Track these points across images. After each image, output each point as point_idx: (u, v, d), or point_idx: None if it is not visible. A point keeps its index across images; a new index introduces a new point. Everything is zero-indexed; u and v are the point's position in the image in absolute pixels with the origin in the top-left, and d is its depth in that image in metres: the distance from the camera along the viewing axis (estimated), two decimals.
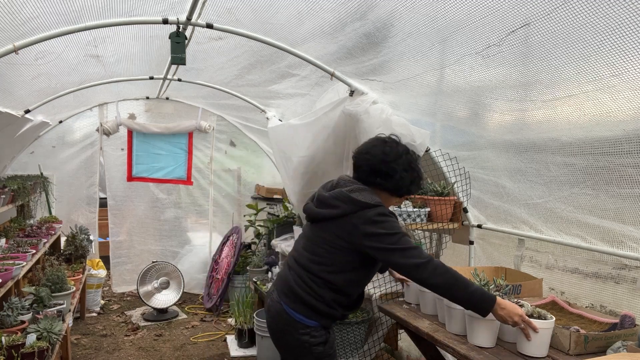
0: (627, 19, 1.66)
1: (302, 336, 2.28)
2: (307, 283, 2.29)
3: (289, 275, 2.36)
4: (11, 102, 4.08)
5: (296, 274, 2.33)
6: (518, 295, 2.55)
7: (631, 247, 2.28)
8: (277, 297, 2.37)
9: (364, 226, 2.18)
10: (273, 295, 2.41)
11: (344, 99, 3.36)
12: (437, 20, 2.25)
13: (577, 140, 2.31)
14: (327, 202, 2.31)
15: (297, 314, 2.28)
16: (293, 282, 2.32)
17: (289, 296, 2.32)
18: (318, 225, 2.36)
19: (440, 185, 3.28)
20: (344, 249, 2.25)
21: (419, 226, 3.24)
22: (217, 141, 6.80)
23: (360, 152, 2.40)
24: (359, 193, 2.27)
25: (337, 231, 2.25)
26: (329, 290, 2.27)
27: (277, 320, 2.35)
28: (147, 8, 2.97)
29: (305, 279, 2.29)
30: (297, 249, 2.45)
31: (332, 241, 2.27)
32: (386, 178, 2.31)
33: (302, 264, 2.34)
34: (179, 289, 6.03)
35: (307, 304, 2.28)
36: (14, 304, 3.29)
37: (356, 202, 2.22)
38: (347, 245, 2.24)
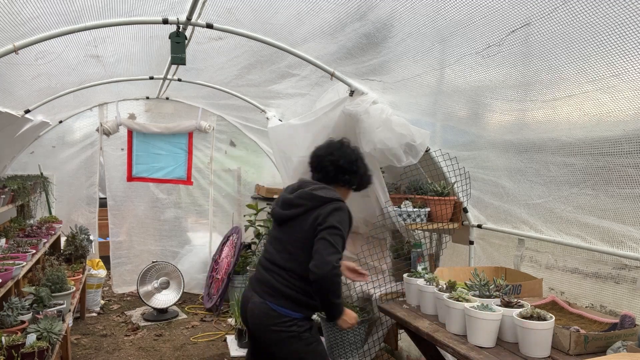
0: (627, 19, 1.66)
1: (290, 327, 2.48)
2: (288, 280, 2.50)
3: (269, 276, 2.56)
4: (11, 102, 4.08)
5: (276, 274, 2.54)
6: (518, 295, 2.55)
7: (631, 247, 2.28)
8: (260, 299, 2.54)
9: (325, 217, 2.45)
10: (254, 299, 2.57)
11: (344, 99, 3.36)
12: (437, 21, 2.25)
13: (577, 141, 2.31)
14: (292, 202, 2.56)
15: (283, 309, 2.48)
16: (275, 282, 2.52)
17: (273, 295, 2.51)
18: (286, 226, 2.58)
19: (440, 185, 3.28)
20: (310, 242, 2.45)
21: (419, 226, 3.24)
22: (217, 141, 6.80)
23: (323, 155, 2.66)
24: (321, 190, 2.55)
25: (305, 226, 2.49)
26: (306, 282, 2.45)
27: (264, 319, 2.51)
28: (147, 8, 2.97)
29: (286, 277, 2.50)
30: (270, 251, 2.63)
31: (303, 238, 2.49)
32: (352, 175, 2.64)
33: (281, 265, 2.54)
34: (179, 289, 6.03)
35: (290, 299, 2.49)
36: (14, 304, 3.29)
37: (319, 198, 2.50)
38: (312, 237, 2.45)
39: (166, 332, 5.31)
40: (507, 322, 2.19)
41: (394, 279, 3.29)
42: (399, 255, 3.31)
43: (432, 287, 2.63)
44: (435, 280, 2.69)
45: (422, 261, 3.15)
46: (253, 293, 2.60)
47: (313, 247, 2.42)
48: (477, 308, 2.21)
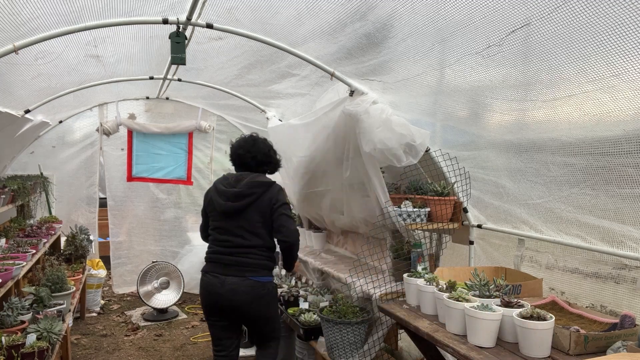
0: (627, 18, 1.66)
1: (271, 290, 3.16)
2: (260, 254, 3.10)
3: (240, 258, 3.07)
4: (11, 102, 4.08)
5: (248, 254, 3.08)
6: (518, 295, 2.55)
7: (631, 247, 2.28)
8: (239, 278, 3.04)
9: (276, 197, 3.10)
10: (230, 280, 3.05)
11: (344, 99, 3.36)
12: (437, 21, 2.25)
13: (577, 140, 2.31)
14: (244, 193, 3.09)
15: (263, 277, 3.09)
16: (250, 260, 3.07)
17: (252, 270, 3.06)
18: (242, 214, 3.09)
19: (440, 185, 3.28)
20: (268, 220, 3.09)
21: (419, 226, 3.24)
22: (217, 141, 6.80)
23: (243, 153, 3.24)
24: (259, 177, 3.17)
25: (262, 209, 3.08)
26: (271, 250, 3.16)
27: (251, 291, 3.04)
28: (147, 8, 2.97)
29: (258, 253, 3.09)
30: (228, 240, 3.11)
31: (262, 219, 3.08)
32: (269, 165, 3.29)
33: (249, 246, 3.08)
34: (179, 289, 6.03)
35: (266, 268, 3.13)
36: (14, 304, 3.29)
37: (263, 184, 3.13)
38: (269, 215, 3.08)
39: (166, 332, 5.32)
40: (507, 322, 2.19)
41: (394, 279, 3.29)
42: (399, 255, 3.30)
43: (432, 287, 2.63)
44: (435, 280, 2.69)
45: (422, 261, 3.15)
46: (224, 277, 3.06)
47: (275, 223, 3.08)
48: (477, 308, 2.21)
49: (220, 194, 3.15)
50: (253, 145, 3.24)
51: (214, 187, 3.26)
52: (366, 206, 3.48)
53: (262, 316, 3.12)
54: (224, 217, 3.13)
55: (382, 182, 3.22)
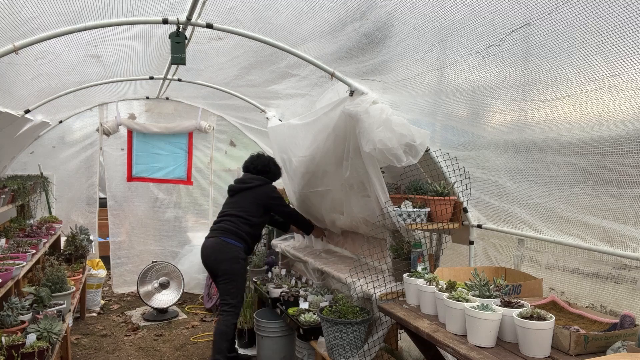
0: (627, 18, 1.65)
1: (234, 252, 4.09)
2: (237, 224, 4.14)
3: (222, 224, 4.16)
4: (11, 102, 4.08)
5: (228, 221, 4.15)
6: (518, 295, 2.55)
7: (631, 247, 2.28)
8: (217, 237, 4.11)
9: (270, 192, 4.30)
10: (210, 239, 4.16)
11: (344, 99, 3.36)
12: (437, 20, 2.25)
13: (577, 140, 2.30)
14: (245, 181, 4.34)
15: (231, 240, 4.09)
16: (228, 225, 4.13)
17: (225, 233, 4.11)
18: (239, 195, 4.29)
19: (440, 185, 3.28)
20: (258, 205, 4.23)
21: (419, 226, 3.24)
22: (217, 141, 6.80)
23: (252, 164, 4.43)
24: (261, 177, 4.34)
25: (255, 196, 4.25)
26: (248, 226, 4.17)
27: (218, 248, 4.08)
28: (147, 8, 2.97)
29: (235, 222, 4.15)
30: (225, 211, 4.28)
31: (252, 202, 4.23)
32: (267, 173, 4.39)
33: (232, 214, 4.18)
34: (179, 289, 6.03)
35: (236, 234, 4.12)
36: (14, 304, 3.29)
37: (261, 179, 4.31)
38: (260, 202, 4.24)
39: (166, 332, 5.31)
40: (507, 322, 2.19)
41: (394, 279, 3.29)
42: (399, 255, 3.30)
43: (432, 287, 2.63)
44: (435, 280, 2.69)
45: (422, 261, 3.15)
46: (207, 240, 4.19)
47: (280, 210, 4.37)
48: (477, 308, 2.21)
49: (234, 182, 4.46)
50: (256, 159, 4.45)
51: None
52: (366, 206, 3.47)
53: (222, 271, 4.03)
54: (229, 196, 4.37)
55: (382, 182, 3.21)
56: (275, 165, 4.44)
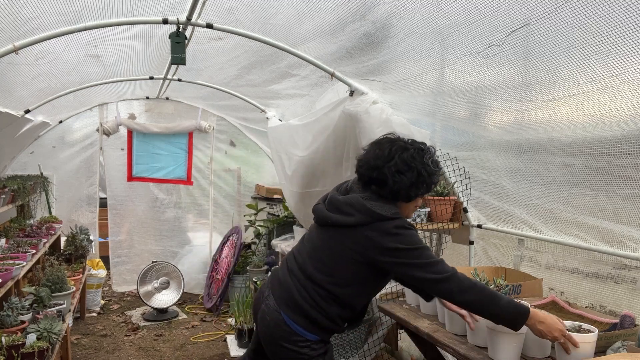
0: (627, 19, 1.66)
1: (301, 349, 2.13)
2: (312, 296, 2.12)
3: (291, 284, 2.18)
4: (12, 103, 4.08)
5: (300, 284, 2.15)
6: (518, 295, 2.55)
7: (631, 247, 2.28)
8: (276, 306, 2.17)
9: (380, 240, 2.00)
10: (269, 302, 2.20)
11: (344, 99, 3.36)
12: (436, 21, 2.25)
13: (577, 141, 2.31)
14: (340, 207, 2.11)
15: (298, 327, 2.12)
16: (297, 293, 2.14)
17: (290, 307, 2.14)
18: (328, 231, 2.16)
19: (440, 185, 3.28)
20: (355, 262, 2.06)
21: (419, 226, 3.24)
22: (217, 141, 6.80)
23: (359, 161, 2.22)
24: (375, 202, 2.06)
25: (348, 242, 2.07)
26: (334, 303, 2.12)
27: (273, 331, 2.16)
28: (147, 8, 2.97)
29: (311, 291, 2.12)
30: (302, 254, 2.23)
31: (341, 252, 2.08)
32: (381, 186, 2.09)
33: (308, 274, 2.15)
34: (179, 289, 6.03)
35: (309, 318, 2.12)
36: (14, 304, 3.29)
37: (371, 213, 2.03)
38: (358, 258, 2.05)
39: (166, 332, 5.32)
40: None
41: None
42: None
43: None
44: None
45: None
46: (270, 294, 2.23)
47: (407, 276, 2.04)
48: None
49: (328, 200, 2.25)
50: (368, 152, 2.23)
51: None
52: None
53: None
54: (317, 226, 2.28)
55: None
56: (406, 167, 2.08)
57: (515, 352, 2.04)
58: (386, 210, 2.04)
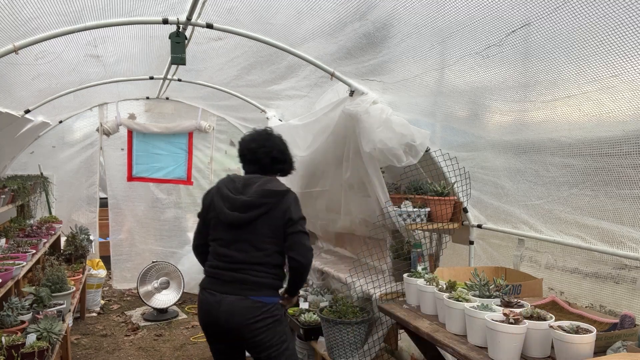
0: (627, 19, 1.66)
1: (274, 312, 2.64)
2: (266, 272, 2.65)
3: (242, 275, 2.63)
4: (12, 103, 4.08)
5: (251, 271, 2.63)
6: (518, 296, 2.55)
7: (631, 247, 2.28)
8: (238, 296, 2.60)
9: (289, 210, 2.63)
10: (228, 299, 2.61)
11: (343, 99, 3.37)
12: (436, 21, 2.25)
13: (577, 141, 2.31)
14: (254, 204, 2.62)
15: (267, 298, 2.63)
16: (253, 277, 2.62)
17: (253, 289, 2.61)
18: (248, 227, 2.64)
19: (440, 185, 3.28)
20: (279, 234, 2.64)
21: (419, 226, 3.24)
22: (217, 141, 6.80)
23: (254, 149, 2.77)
24: (271, 184, 2.69)
25: (274, 222, 2.62)
26: (279, 267, 2.71)
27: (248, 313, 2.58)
28: (147, 8, 2.98)
29: (263, 270, 2.64)
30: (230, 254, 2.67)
31: (272, 233, 2.63)
32: (285, 163, 2.84)
33: (254, 262, 2.64)
34: (179, 289, 6.03)
35: (271, 287, 2.67)
36: (14, 304, 3.29)
37: (277, 193, 2.65)
38: (282, 228, 2.63)
39: (166, 332, 5.32)
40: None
41: (394, 279, 3.29)
42: (399, 255, 3.30)
43: (432, 287, 2.63)
44: (435, 280, 2.69)
45: (422, 261, 3.15)
46: (222, 296, 2.64)
47: (289, 239, 2.63)
48: (477, 308, 2.21)
49: (225, 200, 2.69)
50: (268, 139, 2.80)
51: (216, 189, 2.78)
52: (366, 206, 3.48)
53: (264, 342, 2.61)
54: (228, 228, 2.68)
55: (382, 182, 3.22)
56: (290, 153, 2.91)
57: (515, 352, 2.04)
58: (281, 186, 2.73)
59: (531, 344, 2.06)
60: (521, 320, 2.05)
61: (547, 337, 2.04)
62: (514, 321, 2.03)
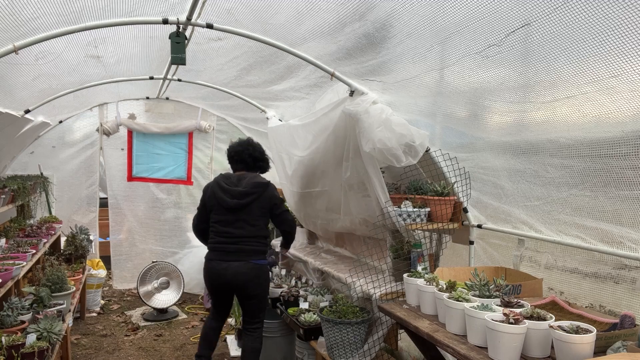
0: (627, 19, 1.66)
1: (266, 271, 3.80)
2: (258, 242, 3.71)
3: (241, 246, 3.64)
4: (12, 103, 4.08)
5: (247, 243, 3.66)
6: (518, 295, 2.56)
7: (630, 247, 2.28)
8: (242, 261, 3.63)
9: (273, 196, 3.74)
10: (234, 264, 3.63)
11: (343, 99, 3.37)
12: (436, 21, 2.25)
13: (576, 142, 2.31)
14: (248, 192, 3.67)
15: (260, 261, 3.71)
16: (249, 247, 3.66)
17: (251, 255, 3.66)
18: (244, 210, 3.67)
19: (440, 185, 3.28)
20: (266, 213, 3.74)
21: (419, 226, 3.24)
22: (217, 141, 6.80)
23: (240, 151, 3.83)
24: (258, 178, 3.79)
25: (260, 205, 3.70)
26: (267, 238, 3.84)
27: (251, 272, 3.63)
28: (148, 8, 2.98)
29: (255, 241, 3.69)
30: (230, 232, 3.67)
31: (261, 214, 3.71)
32: (263, 162, 3.91)
33: (249, 235, 3.67)
34: (179, 289, 6.03)
35: (263, 253, 3.75)
36: (14, 304, 3.29)
37: (262, 184, 3.72)
38: (267, 211, 3.74)
39: (166, 332, 5.32)
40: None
41: (394, 279, 3.30)
42: (399, 255, 3.31)
43: (432, 287, 2.63)
44: (435, 280, 2.69)
45: (422, 261, 3.15)
46: (228, 263, 3.64)
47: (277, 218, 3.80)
48: (477, 308, 2.22)
49: (225, 192, 3.69)
50: (248, 146, 3.86)
51: (215, 183, 3.78)
52: (366, 206, 3.48)
53: (258, 294, 3.72)
54: (228, 211, 3.68)
55: (382, 182, 3.22)
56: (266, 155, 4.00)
57: (515, 352, 2.04)
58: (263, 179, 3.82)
59: (531, 344, 2.06)
60: (521, 320, 2.05)
61: (547, 337, 2.04)
62: (514, 321, 2.03)
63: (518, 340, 2.04)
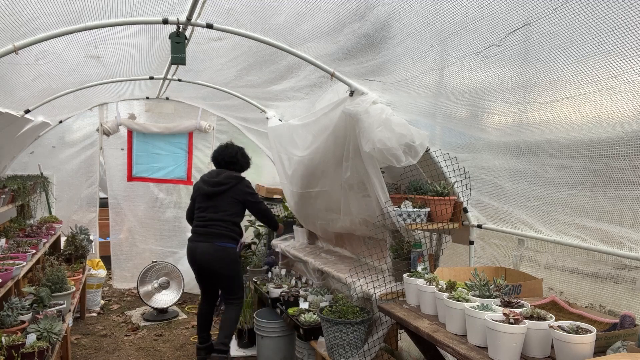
0: (627, 20, 1.66)
1: (233, 255, 4.30)
2: (227, 227, 4.25)
3: (211, 229, 4.22)
4: (12, 103, 4.08)
5: (217, 226, 4.22)
6: (518, 296, 2.56)
7: (630, 247, 2.28)
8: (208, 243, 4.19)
9: (246, 189, 4.35)
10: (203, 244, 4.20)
11: (343, 99, 3.36)
12: (436, 21, 2.25)
13: (576, 143, 2.30)
14: (222, 182, 4.29)
15: (229, 244, 4.25)
16: (217, 230, 4.22)
17: (220, 237, 4.21)
18: (218, 197, 4.27)
19: (440, 185, 3.29)
20: (238, 203, 4.31)
21: (419, 226, 3.24)
22: (218, 141, 6.79)
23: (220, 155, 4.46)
24: (233, 173, 4.38)
25: (233, 195, 4.29)
26: (235, 225, 4.33)
27: (219, 255, 4.19)
28: (148, 8, 2.98)
29: (224, 225, 4.24)
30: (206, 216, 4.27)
31: (232, 202, 4.28)
32: (235, 164, 4.43)
33: (219, 219, 4.23)
34: (179, 289, 6.03)
35: (230, 237, 4.26)
36: (14, 304, 3.29)
37: (236, 177, 4.36)
38: (239, 201, 4.31)
39: (166, 332, 5.32)
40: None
41: (394, 279, 3.30)
42: (399, 255, 3.31)
43: (432, 287, 2.63)
44: (435, 280, 2.69)
45: (422, 261, 3.15)
46: (197, 244, 4.23)
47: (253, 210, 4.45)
48: (477, 308, 2.22)
49: (205, 183, 4.36)
50: (225, 149, 4.48)
51: (200, 178, 4.50)
52: (366, 206, 3.48)
53: (225, 273, 4.24)
54: (205, 198, 4.31)
55: (382, 182, 3.22)
56: (243, 155, 4.50)
57: (515, 352, 2.04)
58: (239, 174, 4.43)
59: (531, 344, 2.06)
60: (521, 320, 2.05)
61: (547, 337, 2.04)
62: (514, 321, 2.03)
63: (518, 340, 2.04)
